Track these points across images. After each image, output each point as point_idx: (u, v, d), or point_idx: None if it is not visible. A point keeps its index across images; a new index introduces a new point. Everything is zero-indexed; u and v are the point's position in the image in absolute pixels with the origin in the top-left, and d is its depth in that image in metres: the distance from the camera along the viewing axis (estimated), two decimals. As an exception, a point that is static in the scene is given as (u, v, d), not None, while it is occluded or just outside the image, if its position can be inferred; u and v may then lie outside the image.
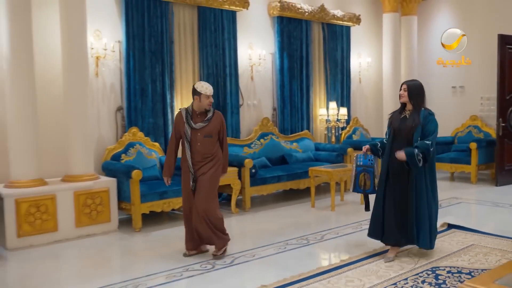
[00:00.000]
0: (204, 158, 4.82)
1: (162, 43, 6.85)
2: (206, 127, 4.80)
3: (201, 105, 4.79)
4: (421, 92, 4.74)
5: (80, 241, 5.53)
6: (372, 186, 4.96)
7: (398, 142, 4.66)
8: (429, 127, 4.58)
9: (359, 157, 5.02)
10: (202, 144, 4.80)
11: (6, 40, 5.30)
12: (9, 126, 5.43)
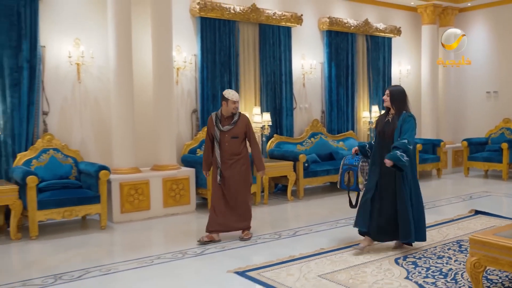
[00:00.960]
0: (232, 156, 5.51)
1: (230, 56, 8.10)
2: (233, 129, 5.49)
3: (228, 110, 5.49)
4: (402, 97, 5.02)
5: (166, 218, 6.81)
6: (355, 184, 5.33)
7: (382, 143, 5.00)
8: (405, 127, 4.83)
9: (347, 157, 5.51)
10: (229, 144, 5.49)
11: (113, 57, 6.65)
12: (113, 125, 6.78)
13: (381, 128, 5.08)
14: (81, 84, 6.89)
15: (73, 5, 6.78)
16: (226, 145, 5.49)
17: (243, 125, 5.56)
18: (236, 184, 5.53)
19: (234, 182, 5.52)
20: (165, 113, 7.10)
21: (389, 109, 5.09)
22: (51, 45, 6.64)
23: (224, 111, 5.52)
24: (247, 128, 5.60)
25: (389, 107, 5.06)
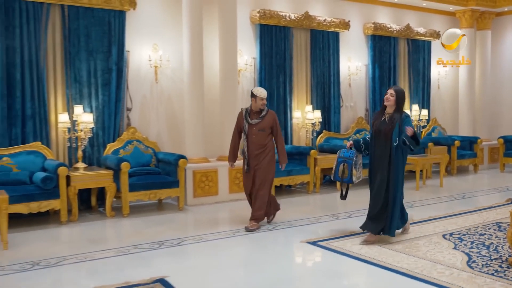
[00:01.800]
0: (258, 147, 5.99)
1: (284, 58, 8.95)
2: (260, 123, 5.99)
3: (256, 105, 6.00)
4: (404, 98, 5.32)
5: (232, 203, 7.70)
6: (349, 176, 5.56)
7: (378, 141, 5.25)
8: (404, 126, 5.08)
9: (342, 151, 5.72)
10: (256, 137, 5.98)
11: (187, 60, 7.58)
12: (186, 120, 7.71)
13: (377, 127, 5.27)
14: (158, 84, 7.85)
15: (153, 16, 7.73)
16: (253, 137, 6.01)
17: (270, 120, 6.04)
18: (260, 173, 6.00)
19: (259, 171, 6.00)
20: (230, 110, 7.97)
21: (384, 108, 5.29)
22: (134, 50, 7.61)
23: (253, 106, 6.05)
24: (273, 123, 6.06)
25: (385, 107, 5.26)
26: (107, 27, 7.23)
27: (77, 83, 7.06)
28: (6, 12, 6.53)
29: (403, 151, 5.22)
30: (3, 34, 6.52)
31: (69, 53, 6.99)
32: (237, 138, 6.22)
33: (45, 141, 6.85)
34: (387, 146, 5.17)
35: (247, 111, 6.12)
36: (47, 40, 6.88)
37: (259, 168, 6.01)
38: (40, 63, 6.78)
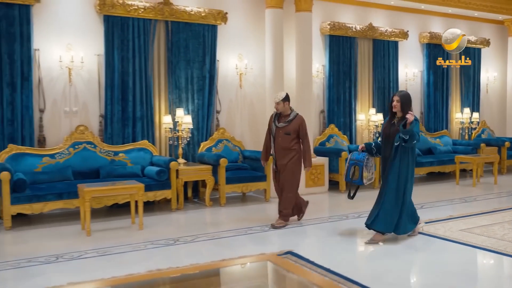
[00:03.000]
0: (283, 149, 6.23)
1: (350, 66, 9.82)
2: (286, 127, 6.22)
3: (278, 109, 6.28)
4: (410, 101, 5.43)
5: (308, 196, 8.52)
6: (360, 178, 5.69)
7: (388, 144, 5.44)
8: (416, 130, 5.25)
9: (354, 153, 5.90)
10: (282, 139, 6.23)
11: (269, 68, 8.51)
12: (266, 122, 8.61)
13: (387, 131, 5.47)
14: (242, 89, 8.80)
15: (239, 29, 8.68)
16: (279, 139, 6.26)
17: (297, 125, 6.24)
18: (285, 174, 6.29)
19: (284, 172, 6.29)
20: (304, 112, 8.77)
21: (394, 113, 5.45)
22: (223, 59, 8.57)
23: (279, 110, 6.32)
24: (300, 128, 6.25)
25: (395, 112, 5.41)
26: (202, 39, 8.21)
27: (177, 89, 8.05)
28: (121, 27, 7.55)
29: (410, 153, 5.38)
30: (119, 46, 7.54)
31: (171, 62, 7.98)
32: (269, 139, 6.48)
33: (151, 140, 7.85)
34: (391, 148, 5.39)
35: (277, 114, 6.38)
36: (154, 51, 7.89)
37: (284, 170, 6.28)
38: (148, 71, 7.78)
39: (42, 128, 7.20)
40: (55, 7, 7.19)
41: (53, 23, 7.20)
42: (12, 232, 6.15)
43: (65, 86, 7.34)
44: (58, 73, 7.27)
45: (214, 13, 8.20)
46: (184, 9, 7.94)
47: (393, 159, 5.37)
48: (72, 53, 7.25)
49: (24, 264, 4.84)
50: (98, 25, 7.49)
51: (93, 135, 7.42)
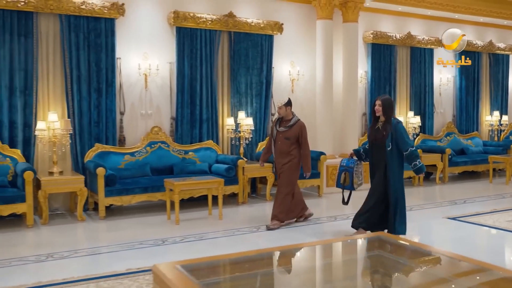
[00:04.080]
0: (282, 153, 6.40)
1: (390, 72, 10.55)
2: (287, 132, 6.35)
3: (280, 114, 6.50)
4: (391, 105, 5.59)
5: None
6: (351, 184, 5.86)
7: (375, 149, 5.62)
8: (398, 135, 5.42)
9: (343, 160, 6.09)
10: (281, 143, 6.38)
11: (320, 75, 9.27)
12: (317, 124, 9.38)
13: (373, 136, 5.63)
14: (294, 94, 9.55)
15: (292, 38, 9.44)
16: (279, 143, 6.42)
17: (297, 131, 6.34)
18: (282, 178, 6.46)
19: (282, 176, 6.47)
20: (350, 115, 9.65)
21: (377, 117, 5.61)
22: (277, 66, 9.34)
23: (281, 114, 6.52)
24: (300, 134, 6.34)
25: (379, 116, 5.60)
26: (260, 48, 8.97)
27: (238, 93, 8.82)
28: (191, 38, 8.32)
29: (399, 156, 5.52)
30: (189, 55, 8.32)
31: (233, 69, 8.76)
32: (270, 142, 6.69)
33: (215, 140, 8.63)
34: (383, 152, 5.51)
35: (279, 119, 6.55)
36: (218, 59, 8.66)
37: (282, 173, 6.45)
38: (213, 77, 8.56)
39: (122, 129, 7.99)
40: (134, 20, 7.98)
41: (133, 35, 7.99)
42: (106, 221, 6.94)
43: (142, 91, 8.13)
44: (136, 79, 8.06)
45: (271, 24, 8.97)
46: (246, 21, 8.72)
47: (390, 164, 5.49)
48: (149, 61, 8.04)
49: (127, 247, 5.62)
50: (170, 36, 8.28)
51: (166, 135, 8.21)
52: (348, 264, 3.57)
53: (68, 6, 7.28)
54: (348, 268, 3.49)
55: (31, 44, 7.17)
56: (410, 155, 5.44)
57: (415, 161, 5.46)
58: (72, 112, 7.47)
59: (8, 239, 6.00)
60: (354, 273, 3.43)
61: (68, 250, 5.48)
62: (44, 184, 6.66)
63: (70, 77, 7.44)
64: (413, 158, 5.46)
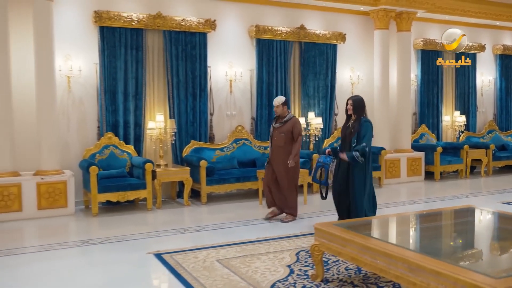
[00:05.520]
0: (277, 147, 6.78)
1: (437, 75, 11.63)
2: (281, 127, 6.77)
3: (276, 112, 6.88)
4: (362, 105, 5.86)
5: (407, 184, 10.43)
6: (326, 179, 6.15)
7: (344, 146, 5.96)
8: (362, 131, 5.70)
9: (321, 156, 6.41)
10: (277, 138, 6.79)
11: (377, 79, 10.41)
12: (375, 123, 10.50)
13: (343, 134, 5.99)
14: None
15: (352, 46, 10.58)
16: (275, 138, 6.85)
17: (290, 126, 6.76)
18: (280, 172, 6.79)
19: (277, 169, 6.79)
20: (404, 115, 10.76)
21: (350, 116, 5.93)
22: (339, 72, 10.49)
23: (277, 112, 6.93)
24: (293, 129, 6.74)
25: (351, 115, 5.92)
26: (325, 56, 10.15)
27: (307, 96, 10.01)
28: (268, 48, 9.52)
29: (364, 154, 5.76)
30: (266, 63, 9.52)
31: (303, 75, 9.95)
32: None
33: (288, 137, 9.83)
34: (349, 148, 5.87)
35: (275, 117, 7.03)
36: (290, 66, 9.86)
37: (277, 167, 6.79)
38: (287, 82, 9.76)
39: (212, 127, 9.24)
40: (222, 34, 9.22)
41: (221, 46, 9.23)
42: (207, 206, 8.19)
43: (227, 95, 9.37)
44: (223, 84, 9.31)
45: (336, 35, 10.15)
46: (314, 32, 9.90)
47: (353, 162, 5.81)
48: (234, 69, 9.28)
49: (240, 224, 6.84)
50: (251, 47, 9.51)
51: (247, 133, 9.44)
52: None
53: (171, 23, 8.55)
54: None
55: (141, 56, 8.45)
56: (361, 149, 5.68)
57: (359, 155, 5.69)
58: (172, 113, 8.74)
59: (139, 218, 7.29)
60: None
61: (195, 226, 6.74)
62: (159, 174, 7.94)
63: (171, 83, 8.71)
64: (360, 153, 5.70)
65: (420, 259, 3.27)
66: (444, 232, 4.68)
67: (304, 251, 5.30)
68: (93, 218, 7.30)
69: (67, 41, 7.96)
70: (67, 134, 8.13)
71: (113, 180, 7.71)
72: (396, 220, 4.96)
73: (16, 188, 7.16)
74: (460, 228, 4.79)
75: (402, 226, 4.78)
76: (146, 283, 4.69)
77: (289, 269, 4.72)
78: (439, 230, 4.70)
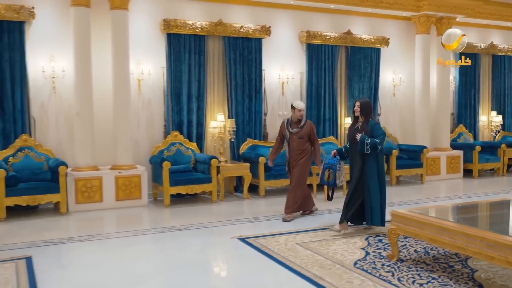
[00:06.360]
0: (298, 152, 6.95)
1: (474, 77, 12.14)
2: (299, 132, 6.92)
3: (294, 116, 6.95)
4: (369, 107, 5.96)
5: (446, 181, 10.96)
6: (333, 180, 6.26)
7: (353, 147, 6.01)
8: (376, 132, 5.85)
9: (327, 158, 6.55)
10: (296, 143, 6.94)
11: (418, 81, 10.96)
12: (416, 122, 11.06)
13: (351, 135, 6.04)
14: (395, 97, 11.28)
15: (394, 50, 11.14)
16: (294, 143, 6.98)
17: (308, 129, 6.94)
18: (296, 172, 7.01)
19: (295, 171, 7.03)
20: (444, 115, 11.29)
21: (357, 118, 6.04)
22: (382, 74, 11.08)
23: (293, 117, 7.03)
24: (311, 132, 6.95)
25: (358, 116, 6.03)
26: (369, 59, 10.75)
27: (352, 97, 10.60)
28: (317, 52, 10.15)
29: (374, 154, 5.88)
30: (315, 67, 10.15)
31: (349, 78, 10.57)
32: (279, 143, 7.28)
33: (335, 135, 10.46)
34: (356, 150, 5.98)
35: (289, 121, 7.08)
36: (337, 69, 10.48)
37: (295, 166, 7.02)
38: (334, 84, 10.39)
39: (265, 126, 9.91)
40: (275, 39, 9.87)
41: (274, 51, 9.89)
42: (265, 199, 8.85)
43: (279, 96, 10.03)
44: (276, 86, 9.98)
45: (380, 39, 10.74)
46: (360, 37, 10.51)
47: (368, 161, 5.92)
48: (286, 72, 9.94)
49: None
50: (301, 51, 10.15)
51: (298, 132, 10.09)
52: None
53: (230, 30, 9.24)
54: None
55: (203, 61, 9.15)
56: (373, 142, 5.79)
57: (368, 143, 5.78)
58: (230, 113, 9.43)
59: (207, 209, 7.99)
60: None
61: (262, 216, 7.40)
62: (222, 169, 8.63)
63: (229, 85, 9.40)
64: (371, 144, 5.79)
65: (497, 237, 3.88)
66: (505, 217, 5.27)
67: (372, 237, 5.93)
68: (166, 208, 8.02)
69: (138, 47, 8.69)
70: (137, 133, 8.86)
71: (181, 174, 8.42)
72: (457, 208, 5.57)
73: (98, 181, 7.91)
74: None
75: (465, 213, 5.38)
76: (244, 260, 5.31)
77: (364, 251, 5.35)
78: (500, 215, 5.29)
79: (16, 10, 7.74)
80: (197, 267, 5.03)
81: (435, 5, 10.57)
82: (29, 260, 5.17)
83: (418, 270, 4.68)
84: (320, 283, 4.39)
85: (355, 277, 4.53)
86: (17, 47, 7.85)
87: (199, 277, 4.73)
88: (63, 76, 8.16)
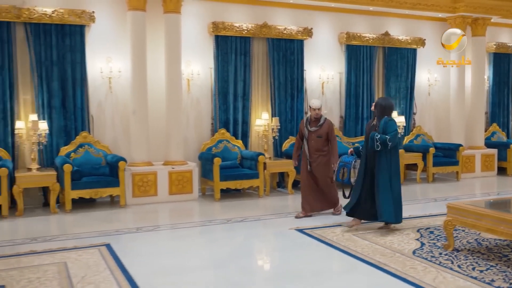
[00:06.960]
0: (316, 151, 6.95)
1: (508, 76, 12.36)
2: (318, 130, 6.93)
3: (312, 114, 7.04)
4: (383, 104, 6.08)
5: (480, 178, 11.20)
6: (348, 178, 6.37)
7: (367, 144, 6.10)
8: (388, 129, 5.90)
9: (344, 156, 6.66)
10: (315, 142, 6.94)
11: (453, 81, 11.21)
12: (451, 119, 11.33)
13: (368, 131, 6.14)
14: (430, 96, 11.56)
15: (429, 50, 11.39)
16: (312, 142, 6.97)
17: (326, 128, 6.98)
18: (320, 173, 7.02)
19: (319, 172, 7.02)
20: (477, 114, 11.53)
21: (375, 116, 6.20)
22: (418, 74, 11.35)
23: (312, 115, 7.12)
24: (329, 130, 6.98)
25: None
26: (405, 60, 11.05)
27: (389, 96, 10.91)
28: (356, 53, 10.49)
29: (386, 150, 5.94)
30: (354, 67, 10.48)
31: (386, 77, 10.89)
32: (299, 142, 7.25)
33: (372, 134, 10.77)
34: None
35: (308, 120, 7.12)
36: (374, 69, 10.80)
37: (318, 170, 7.01)
38: (372, 84, 10.71)
39: (306, 125, 10.27)
40: (316, 40, 10.22)
41: (314, 52, 10.25)
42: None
43: (319, 95, 10.38)
44: (316, 86, 10.34)
45: (416, 40, 11.04)
46: (397, 38, 10.82)
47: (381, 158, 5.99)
48: (326, 72, 10.30)
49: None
50: (340, 52, 10.50)
51: (337, 130, 10.43)
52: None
53: (274, 32, 9.62)
54: None
55: (248, 61, 9.55)
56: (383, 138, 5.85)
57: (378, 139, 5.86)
58: (274, 112, 9.82)
59: (255, 203, 8.39)
60: None
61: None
62: (268, 165, 9.03)
63: (273, 85, 9.79)
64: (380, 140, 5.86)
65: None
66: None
67: (423, 229, 6.26)
68: (216, 202, 8.44)
69: (188, 49, 9.10)
70: (186, 130, 9.28)
71: (229, 170, 8.82)
72: (507, 202, 5.88)
73: (153, 176, 8.36)
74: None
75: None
76: (308, 248, 5.65)
77: (419, 242, 5.69)
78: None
79: (78, 15, 8.21)
80: (268, 253, 5.57)
81: (471, 6, 10.83)
82: (109, 246, 5.62)
83: (475, 259, 5.01)
84: (386, 269, 4.75)
85: (417, 264, 4.88)
86: (78, 49, 8.32)
87: (273, 260, 5.26)
88: (119, 77, 8.62)
